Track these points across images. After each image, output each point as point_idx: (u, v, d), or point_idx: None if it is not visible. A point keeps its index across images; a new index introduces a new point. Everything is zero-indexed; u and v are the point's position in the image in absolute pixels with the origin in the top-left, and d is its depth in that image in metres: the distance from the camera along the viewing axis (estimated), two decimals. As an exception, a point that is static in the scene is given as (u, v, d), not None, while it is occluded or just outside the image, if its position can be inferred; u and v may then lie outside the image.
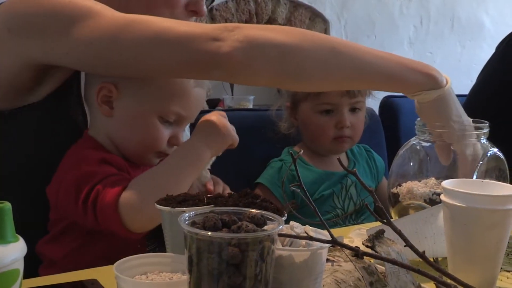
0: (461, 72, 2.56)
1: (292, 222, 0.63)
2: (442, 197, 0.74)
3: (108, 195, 0.84)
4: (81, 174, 0.87)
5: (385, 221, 0.61)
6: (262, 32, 0.84)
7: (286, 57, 0.83)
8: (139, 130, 0.95)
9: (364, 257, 0.65)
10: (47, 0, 0.85)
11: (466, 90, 1.67)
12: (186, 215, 0.56)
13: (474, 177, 0.90)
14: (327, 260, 0.65)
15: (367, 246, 0.66)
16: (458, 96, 0.96)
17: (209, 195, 0.67)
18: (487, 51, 1.71)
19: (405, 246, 0.61)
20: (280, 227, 0.54)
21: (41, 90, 0.93)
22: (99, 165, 0.89)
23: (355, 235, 0.89)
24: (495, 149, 0.95)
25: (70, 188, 0.88)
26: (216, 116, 0.95)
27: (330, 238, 0.59)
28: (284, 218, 0.59)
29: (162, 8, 0.95)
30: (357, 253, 0.63)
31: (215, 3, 2.23)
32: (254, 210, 0.57)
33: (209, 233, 0.51)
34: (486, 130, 0.94)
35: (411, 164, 0.98)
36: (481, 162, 0.91)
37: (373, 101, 1.49)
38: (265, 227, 0.55)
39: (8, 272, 0.51)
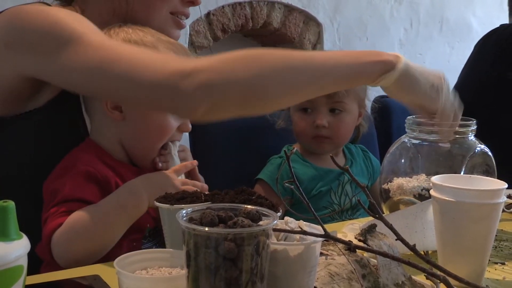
0: (450, 72, 2.58)
1: (286, 217, 0.65)
2: (432, 192, 0.76)
3: (50, 224, 0.85)
4: (52, 187, 0.90)
5: (377, 216, 0.63)
6: (219, 74, 0.81)
7: (248, 92, 0.82)
8: (153, 124, 0.97)
9: (357, 250, 0.67)
10: (38, 18, 0.87)
11: (455, 90, 1.69)
12: (184, 211, 0.57)
13: (462, 172, 0.92)
14: (321, 254, 0.66)
15: (359, 240, 0.67)
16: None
17: (206, 193, 0.69)
18: (476, 52, 1.73)
19: (396, 239, 0.63)
20: (275, 222, 0.56)
21: (41, 97, 0.94)
22: (77, 180, 0.90)
23: (348, 230, 0.90)
24: (483, 146, 0.97)
25: (46, 196, 0.91)
26: (175, 179, 0.93)
27: (324, 233, 0.61)
28: (279, 214, 0.61)
29: (159, 2, 0.99)
30: (349, 247, 0.65)
31: (211, 8, 2.24)
32: (249, 206, 0.58)
33: (206, 229, 0.52)
34: (474, 127, 0.96)
35: (402, 161, 0.99)
36: (468, 158, 0.93)
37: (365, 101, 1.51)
38: (260, 223, 0.56)
39: (13, 268, 0.52)
